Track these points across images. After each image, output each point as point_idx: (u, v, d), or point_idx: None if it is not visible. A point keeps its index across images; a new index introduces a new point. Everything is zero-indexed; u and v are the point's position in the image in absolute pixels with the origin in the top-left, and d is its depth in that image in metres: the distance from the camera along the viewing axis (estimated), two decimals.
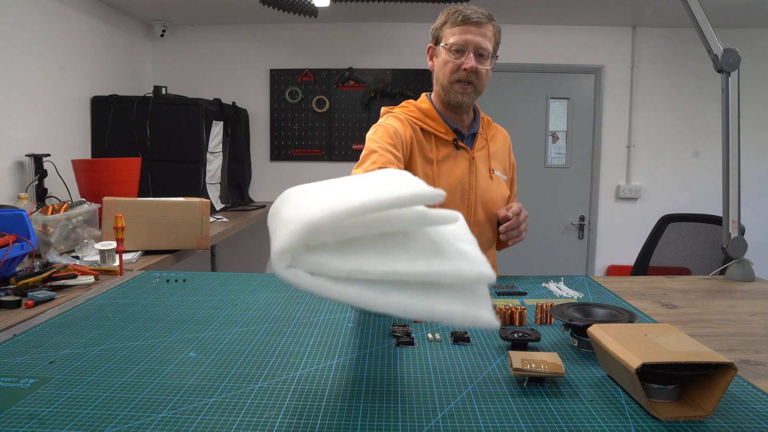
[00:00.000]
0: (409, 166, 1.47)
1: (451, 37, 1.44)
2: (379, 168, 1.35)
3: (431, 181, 1.48)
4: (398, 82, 3.92)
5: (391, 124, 1.49)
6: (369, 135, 1.49)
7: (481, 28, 1.43)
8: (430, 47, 1.54)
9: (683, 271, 2.40)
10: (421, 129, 1.51)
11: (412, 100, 1.59)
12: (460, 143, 1.52)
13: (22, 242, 1.38)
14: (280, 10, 3.15)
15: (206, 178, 3.22)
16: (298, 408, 0.72)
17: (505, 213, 1.46)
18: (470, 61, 1.43)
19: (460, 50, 1.44)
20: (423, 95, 1.60)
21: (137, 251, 1.87)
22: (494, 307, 1.11)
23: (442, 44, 1.48)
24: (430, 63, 1.55)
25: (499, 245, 1.64)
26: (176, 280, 1.40)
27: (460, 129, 1.54)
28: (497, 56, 1.50)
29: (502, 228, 1.43)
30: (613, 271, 3.99)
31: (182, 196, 2.16)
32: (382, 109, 1.60)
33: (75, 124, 3.04)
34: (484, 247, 1.56)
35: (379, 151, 1.40)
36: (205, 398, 0.75)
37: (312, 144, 3.99)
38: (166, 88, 3.25)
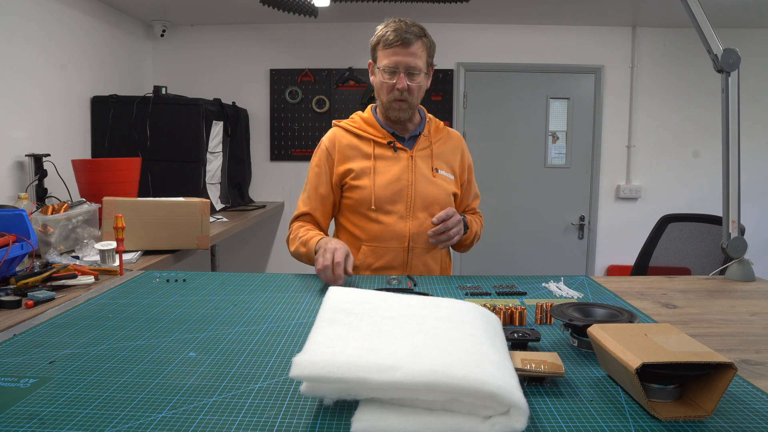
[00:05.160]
0: (340, 172, 1.61)
1: (384, 59, 1.56)
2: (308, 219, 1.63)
3: (368, 173, 1.59)
4: None
5: (325, 146, 1.65)
6: (311, 161, 1.67)
7: (409, 48, 1.53)
8: (370, 63, 1.65)
9: (683, 271, 2.40)
10: (360, 136, 1.64)
11: (359, 112, 1.71)
12: (397, 144, 1.63)
13: (22, 242, 1.38)
14: (280, 10, 3.15)
15: (206, 178, 3.22)
16: (298, 408, 0.73)
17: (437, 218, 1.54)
18: (402, 82, 1.55)
19: (392, 72, 1.55)
20: (369, 107, 1.71)
21: (137, 251, 1.87)
22: (494, 307, 1.11)
23: (377, 66, 1.59)
24: (372, 78, 1.65)
25: (456, 246, 1.68)
26: (176, 280, 1.40)
27: (398, 133, 1.65)
28: (434, 64, 1.63)
29: (429, 232, 1.52)
30: (613, 271, 3.99)
31: (182, 196, 2.16)
32: (333, 121, 1.73)
33: (75, 124, 3.04)
34: (426, 245, 1.61)
35: (310, 192, 1.64)
36: (205, 398, 0.75)
37: (312, 144, 3.98)
38: (166, 88, 3.25)
